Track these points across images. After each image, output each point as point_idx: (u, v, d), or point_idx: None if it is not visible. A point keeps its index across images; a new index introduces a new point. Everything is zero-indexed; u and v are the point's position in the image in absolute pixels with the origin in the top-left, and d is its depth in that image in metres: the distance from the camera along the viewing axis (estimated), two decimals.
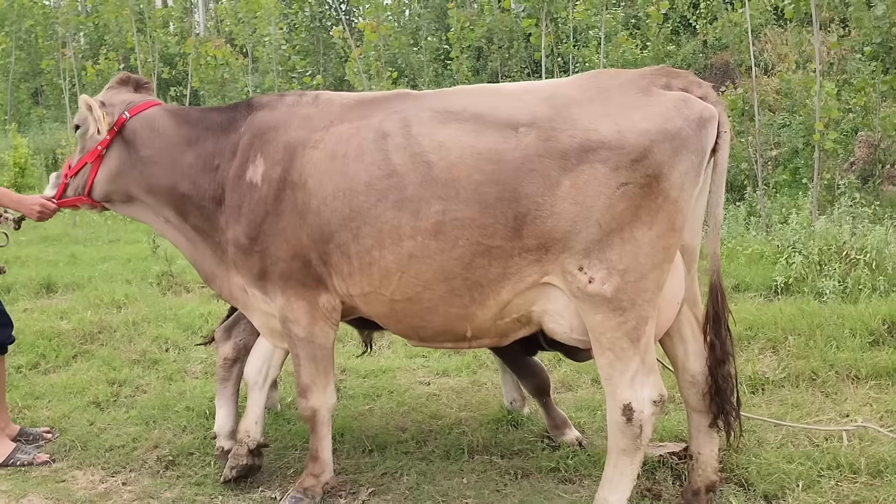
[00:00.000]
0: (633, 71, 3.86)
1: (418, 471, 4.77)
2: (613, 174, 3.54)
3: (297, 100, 4.35)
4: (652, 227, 3.57)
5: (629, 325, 3.65)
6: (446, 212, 3.72)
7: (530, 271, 3.75)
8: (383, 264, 3.90)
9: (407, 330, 4.19)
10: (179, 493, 4.61)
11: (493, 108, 3.79)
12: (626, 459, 3.78)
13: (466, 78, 16.15)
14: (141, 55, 16.18)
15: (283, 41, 15.04)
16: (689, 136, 3.56)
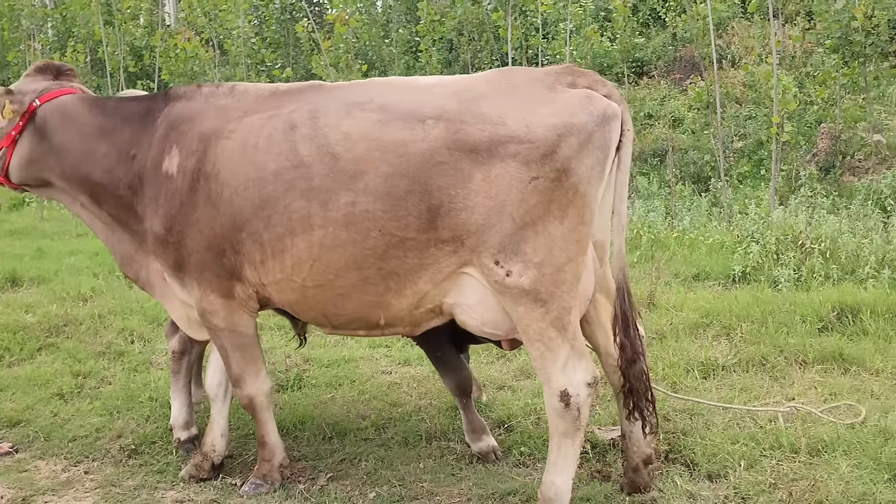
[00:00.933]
0: (541, 69, 3.97)
1: (377, 456, 4.88)
2: (524, 168, 3.62)
3: (213, 91, 4.41)
4: (563, 220, 3.66)
5: (553, 315, 3.74)
6: (356, 203, 3.79)
7: (448, 262, 3.83)
8: (295, 252, 3.97)
9: (319, 317, 4.25)
10: (141, 480, 4.69)
11: (400, 101, 3.86)
12: (567, 442, 3.87)
13: (436, 70, 16.25)
14: (108, 48, 16.14)
15: (252, 34, 15.06)
16: (594, 132, 3.66)
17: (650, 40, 18.85)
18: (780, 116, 9.91)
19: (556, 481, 3.93)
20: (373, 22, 18.25)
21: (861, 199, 9.99)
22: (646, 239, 9.43)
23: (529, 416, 5.31)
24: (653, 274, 7.85)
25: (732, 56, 17.02)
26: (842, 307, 6.64)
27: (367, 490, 4.50)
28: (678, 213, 10.71)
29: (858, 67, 12.08)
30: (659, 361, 5.96)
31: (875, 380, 5.63)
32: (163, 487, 4.62)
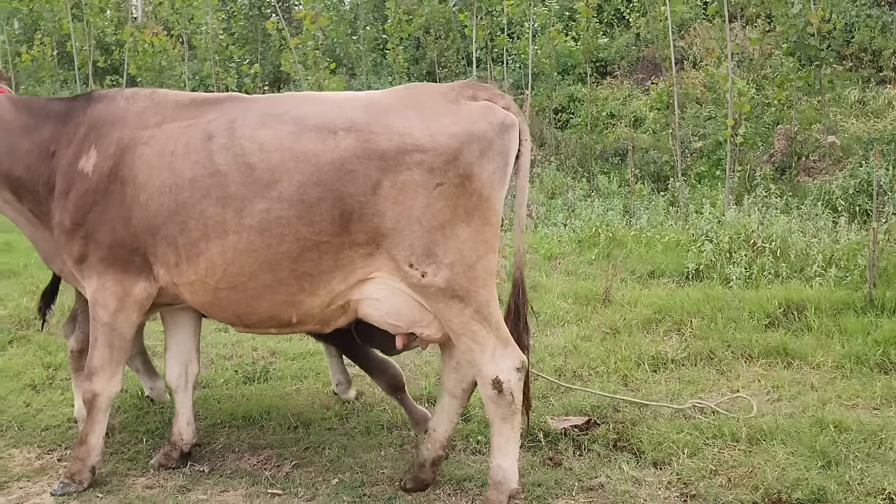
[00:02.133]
0: (444, 84, 4.22)
1: (339, 445, 5.09)
2: (429, 175, 3.88)
3: (134, 95, 4.57)
4: (470, 223, 3.93)
5: (472, 309, 3.98)
6: (270, 210, 4.01)
7: (362, 264, 4.06)
8: (209, 256, 4.15)
9: (231, 317, 4.43)
10: (113, 467, 4.86)
11: (313, 114, 4.09)
12: (507, 426, 4.10)
13: (403, 69, 16.44)
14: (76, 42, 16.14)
15: (220, 30, 15.14)
16: (494, 139, 3.93)
17: (614, 40, 19.15)
18: (734, 118, 10.22)
19: (503, 464, 4.15)
20: (340, 19, 18.38)
21: (812, 199, 10.33)
22: (604, 237, 9.72)
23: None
24: (609, 271, 8.12)
25: (694, 57, 17.37)
26: (788, 304, 6.95)
27: (329, 476, 4.71)
28: (636, 212, 11.00)
29: (814, 70, 12.46)
30: (611, 355, 6.23)
31: (815, 373, 5.93)
32: (133, 474, 4.79)
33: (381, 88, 18.13)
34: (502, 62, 15.17)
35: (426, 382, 6.00)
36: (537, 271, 8.91)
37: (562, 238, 10.17)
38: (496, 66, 15.34)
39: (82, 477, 4.58)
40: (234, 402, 5.77)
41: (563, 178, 13.28)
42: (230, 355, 6.75)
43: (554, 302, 7.75)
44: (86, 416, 4.65)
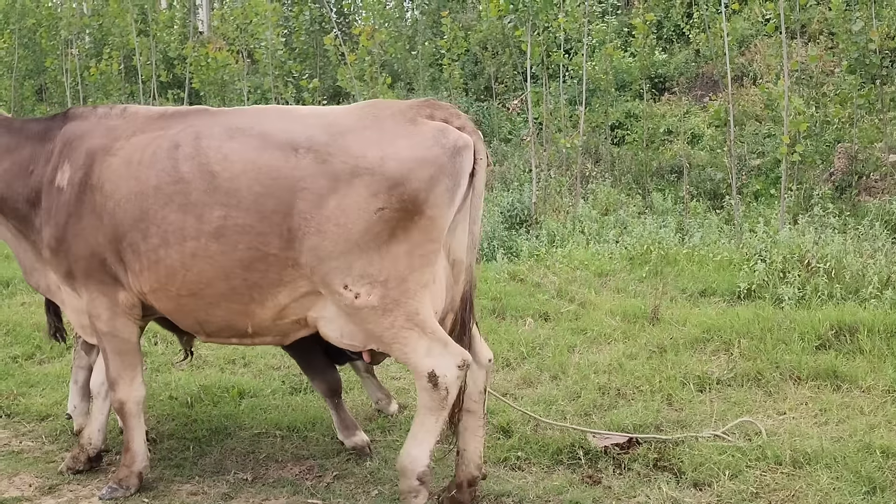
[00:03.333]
0: (405, 102, 4.27)
1: (381, 457, 5.16)
2: (373, 199, 3.94)
3: (107, 111, 4.73)
4: (408, 241, 3.99)
5: (401, 320, 4.06)
6: (227, 217, 4.11)
7: (303, 283, 4.16)
8: (169, 262, 4.26)
9: (194, 325, 4.56)
10: (160, 473, 5.00)
11: (278, 129, 4.19)
12: (430, 417, 4.17)
13: (459, 84, 16.54)
14: (142, 56, 16.58)
15: (281, 45, 15.42)
16: (445, 163, 3.97)
17: (673, 56, 19.04)
18: (790, 136, 10.08)
19: (413, 452, 4.20)
20: (399, 35, 18.58)
21: (871, 219, 10.13)
22: (655, 254, 9.65)
23: (528, 422, 5.55)
24: (659, 289, 8.07)
25: (754, 74, 17.18)
26: (840, 326, 6.82)
27: (370, 488, 4.78)
28: (690, 230, 10.91)
29: (876, 88, 12.23)
30: (656, 374, 6.19)
31: (865, 397, 5.81)
32: (179, 481, 4.92)
33: None
34: (558, 78, 15.17)
35: None
36: (587, 288, 8.88)
37: (613, 255, 10.12)
38: (552, 81, 15.35)
39: (130, 483, 4.72)
40: (280, 412, 5.87)
41: (616, 195, 13.21)
42: (279, 366, 6.86)
43: (601, 319, 7.72)
44: (122, 424, 4.81)
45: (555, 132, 14.72)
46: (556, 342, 7.15)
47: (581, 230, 11.35)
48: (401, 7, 21.07)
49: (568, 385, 6.21)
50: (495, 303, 8.34)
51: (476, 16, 19.82)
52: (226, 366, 6.90)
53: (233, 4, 16.98)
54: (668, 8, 19.92)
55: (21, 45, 19.71)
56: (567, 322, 7.79)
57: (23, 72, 20.01)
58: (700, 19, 17.09)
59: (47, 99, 22.09)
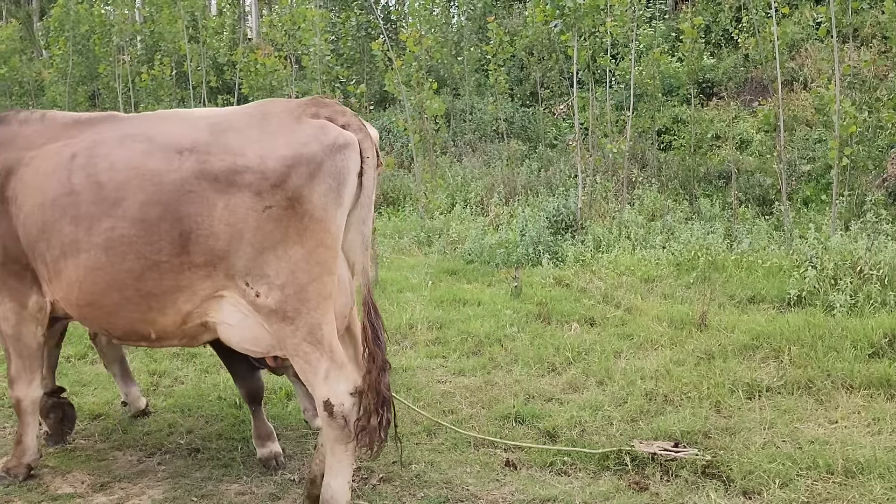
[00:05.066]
0: (294, 101, 4.19)
1: (426, 460, 5.16)
2: (257, 197, 3.88)
3: (28, 117, 4.72)
4: (303, 244, 3.92)
5: (303, 332, 3.99)
6: (115, 229, 4.07)
7: (203, 285, 4.08)
8: (67, 273, 4.26)
9: (101, 330, 4.59)
10: (208, 473, 5.06)
11: (165, 133, 4.13)
12: (340, 447, 4.10)
13: (505, 89, 16.54)
14: (192, 62, 16.83)
15: (328, 51, 15.55)
16: (324, 161, 3.89)
17: (721, 61, 18.85)
18: (840, 140, 9.92)
19: (332, 484, 4.17)
20: (445, 41, 18.63)
21: None
22: (703, 260, 9.56)
23: (574, 427, 5.53)
24: (707, 295, 7.98)
25: (805, 78, 16.94)
26: (894, 334, 6.69)
27: (415, 491, 4.78)
28: (738, 236, 10.78)
29: None
30: (704, 381, 6.12)
31: None
32: (227, 480, 4.97)
33: (483, 108, 18.30)
34: (605, 83, 15.11)
35: (514, 401, 6.01)
36: (633, 294, 8.82)
37: (659, 261, 10.04)
38: (598, 86, 15.29)
39: (18, 472, 4.90)
40: None
41: (663, 200, 13.11)
42: None
43: (648, 325, 7.67)
44: (18, 419, 4.93)
45: (601, 137, 14.65)
46: (602, 347, 7.11)
47: (627, 235, 11.28)
48: (447, 13, 21.13)
49: (614, 391, 6.18)
50: (541, 307, 8.32)
51: (522, 21, 19.82)
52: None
53: (281, 11, 17.15)
54: (716, 12, 19.75)
55: (75, 51, 20.13)
56: (613, 327, 7.75)
57: (76, 78, 20.42)
58: (749, 23, 16.87)
59: (100, 104, 22.52)
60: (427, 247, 11.97)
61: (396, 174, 15.97)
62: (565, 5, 11.91)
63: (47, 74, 21.96)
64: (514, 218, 12.84)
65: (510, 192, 14.39)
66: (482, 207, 14.00)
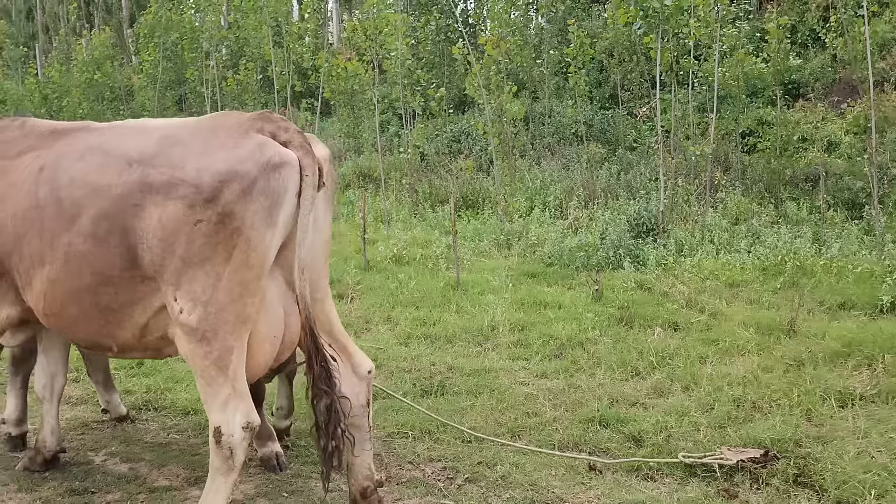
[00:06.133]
0: (246, 115, 4.10)
1: (511, 462, 5.19)
2: (189, 211, 3.79)
3: (8, 125, 4.74)
4: (229, 262, 3.81)
5: (215, 355, 3.87)
6: (71, 244, 4.05)
7: (154, 298, 4.02)
8: (34, 284, 4.27)
9: (70, 339, 4.64)
10: (297, 469, 5.18)
11: (120, 145, 4.07)
12: (220, 478, 3.96)
13: (585, 92, 16.45)
14: (277, 67, 17.16)
15: (409, 55, 15.70)
16: (258, 179, 3.79)
17: (808, 62, 18.41)
18: None
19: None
20: (525, 44, 18.62)
21: None
22: (790, 265, 9.36)
23: (660, 433, 5.48)
24: (795, 301, 7.82)
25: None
26: None
27: (501, 492, 4.81)
28: (827, 241, 10.52)
29: None
30: (794, 388, 6.00)
31: None
32: (315, 478, 5.05)
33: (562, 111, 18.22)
34: (688, 84, 14.90)
35: (598, 405, 5.99)
36: (717, 299, 8.70)
37: (745, 265, 9.87)
38: (680, 88, 15.08)
39: None
40: (412, 413, 5.97)
41: (747, 204, 12.87)
42: (409, 368, 6.99)
43: (734, 330, 7.55)
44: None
45: (682, 140, 14.46)
46: (687, 352, 7.03)
47: (710, 239, 11.12)
48: (526, 16, 21.11)
49: (700, 396, 6.10)
50: (622, 311, 8.26)
51: (601, 23, 19.69)
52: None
53: (362, 16, 17.39)
54: (802, 12, 19.31)
55: (164, 57, 20.72)
56: (697, 332, 7.65)
57: (165, 83, 21.02)
58: (837, 23, 16.50)
59: (187, 108, 23.18)
60: (506, 249, 11.97)
61: (475, 177, 16.01)
62: (649, 6, 11.80)
63: (137, 80, 22.67)
64: (593, 221, 12.77)
65: (589, 195, 14.30)
66: (561, 211, 13.93)
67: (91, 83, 22.51)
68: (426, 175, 16.78)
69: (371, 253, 11.20)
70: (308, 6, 21.28)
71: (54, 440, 5.17)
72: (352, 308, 8.93)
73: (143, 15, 22.31)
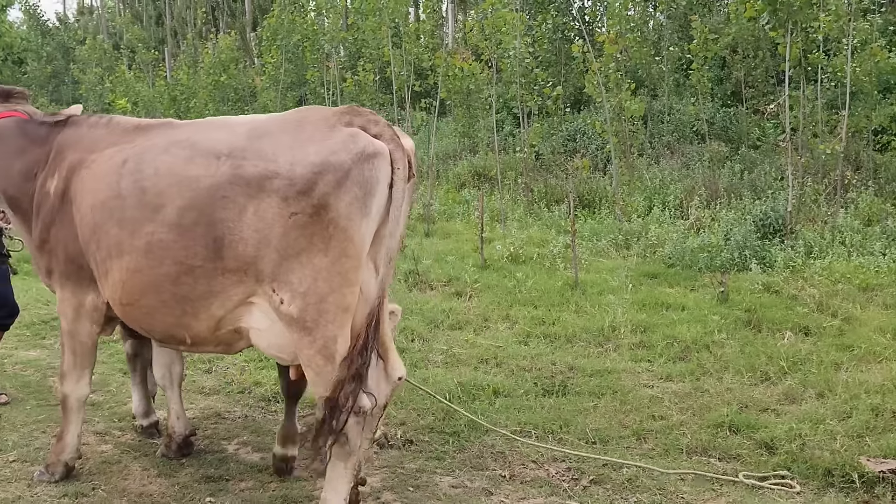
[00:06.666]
0: (331, 109, 4.12)
1: (637, 465, 5.09)
2: (284, 203, 3.84)
3: (96, 121, 4.84)
4: (327, 253, 3.84)
5: (319, 344, 3.92)
6: (154, 233, 4.12)
7: (236, 291, 4.06)
8: (112, 273, 4.35)
9: (142, 331, 4.66)
10: (422, 464, 5.21)
11: (207, 139, 4.14)
12: (340, 464, 4.03)
13: (706, 89, 16.06)
14: (395, 67, 17.38)
15: (526, 54, 15.64)
16: (351, 169, 3.81)
17: None
18: None
19: (329, 498, 4.09)
20: (643, 41, 18.30)
21: None
22: None
23: (794, 440, 5.29)
24: None
25: None
26: None
27: (627, 495, 4.74)
28: None
29: None
30: None
31: None
32: (440, 473, 5.10)
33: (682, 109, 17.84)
34: (816, 81, 14.36)
35: (727, 410, 5.83)
36: (850, 303, 8.35)
37: (879, 268, 9.45)
38: (809, 84, 14.55)
39: (56, 470, 4.91)
40: (533, 412, 5.95)
41: (881, 204, 12.30)
42: (529, 367, 6.95)
43: (870, 336, 7.23)
44: (62, 416, 4.97)
45: (810, 137, 13.95)
46: (820, 358, 6.77)
47: (841, 241, 10.68)
48: (645, 12, 20.76)
49: (836, 404, 5.87)
50: (749, 314, 8.03)
51: (724, 18, 19.17)
52: (479, 365, 7.08)
53: (478, 16, 17.44)
54: None
55: (286, 59, 21.25)
56: (830, 338, 7.36)
57: (286, 84, 21.56)
58: None
59: None
60: (625, 249, 11.79)
61: (592, 177, 15.83)
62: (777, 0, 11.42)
63: (260, 81, 23.32)
64: (716, 221, 12.44)
65: (711, 194, 13.94)
66: (681, 211, 13.63)
67: (217, 85, 23.30)
68: (541, 174, 16.69)
69: (488, 252, 11.20)
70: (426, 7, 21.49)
71: (181, 425, 5.35)
72: (470, 305, 8.95)
73: (266, 18, 22.93)
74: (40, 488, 4.80)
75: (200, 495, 4.73)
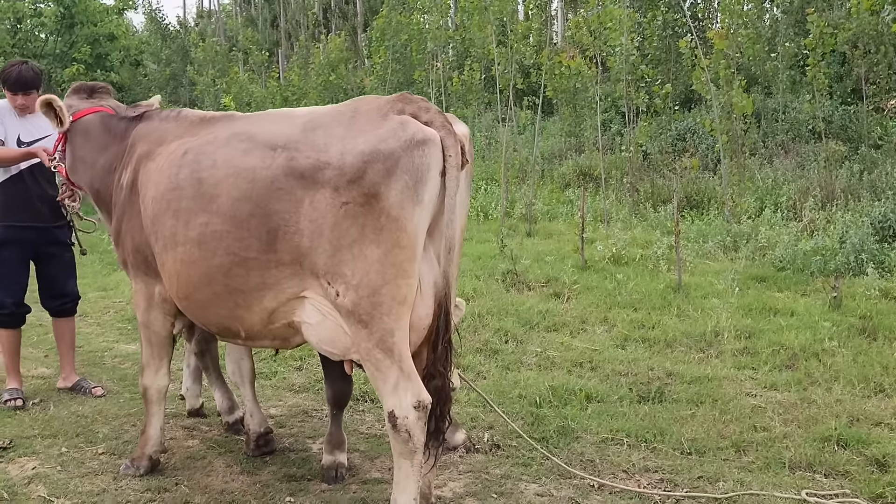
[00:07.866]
0: (384, 98, 4.02)
1: (735, 479, 4.84)
2: (335, 193, 3.79)
3: (167, 115, 4.91)
4: (379, 244, 3.77)
5: (376, 337, 3.83)
6: (208, 224, 4.13)
7: (289, 283, 4.03)
8: (168, 265, 4.40)
9: (199, 324, 4.69)
10: (507, 471, 5.07)
11: (265, 131, 4.13)
12: (405, 462, 3.91)
13: (823, 86, 15.39)
14: (500, 66, 17.27)
15: (633, 51, 15.29)
16: (401, 157, 3.72)
17: None
18: None
19: (399, 499, 3.97)
20: (757, 37, 17.64)
21: None
22: None
23: None
24: None
25: None
26: None
27: None
28: None
29: None
30: None
31: None
32: (526, 479, 4.95)
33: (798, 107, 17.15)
34: None
35: (836, 423, 5.49)
36: None
37: None
38: None
39: (141, 464, 4.97)
40: (627, 419, 5.74)
41: None
42: (626, 372, 6.73)
43: None
44: (145, 408, 5.04)
45: None
46: None
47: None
48: (760, 7, 20.04)
49: None
50: (865, 321, 7.59)
51: (844, 13, 18.32)
52: (573, 368, 6.90)
53: (587, 12, 17.17)
54: None
55: (394, 59, 21.43)
56: None
57: (394, 84, 21.74)
58: None
59: None
60: (733, 252, 11.36)
61: (700, 177, 15.36)
62: None
63: (368, 81, 23.60)
64: (831, 224, 11.86)
65: (827, 196, 13.31)
66: (794, 212, 13.07)
67: (327, 85, 23.72)
68: (648, 174, 16.30)
69: (589, 252, 10.97)
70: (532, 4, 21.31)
71: (255, 422, 5.37)
72: (567, 307, 8.75)
73: (376, 19, 23.19)
74: (125, 482, 4.88)
75: (281, 494, 4.72)
